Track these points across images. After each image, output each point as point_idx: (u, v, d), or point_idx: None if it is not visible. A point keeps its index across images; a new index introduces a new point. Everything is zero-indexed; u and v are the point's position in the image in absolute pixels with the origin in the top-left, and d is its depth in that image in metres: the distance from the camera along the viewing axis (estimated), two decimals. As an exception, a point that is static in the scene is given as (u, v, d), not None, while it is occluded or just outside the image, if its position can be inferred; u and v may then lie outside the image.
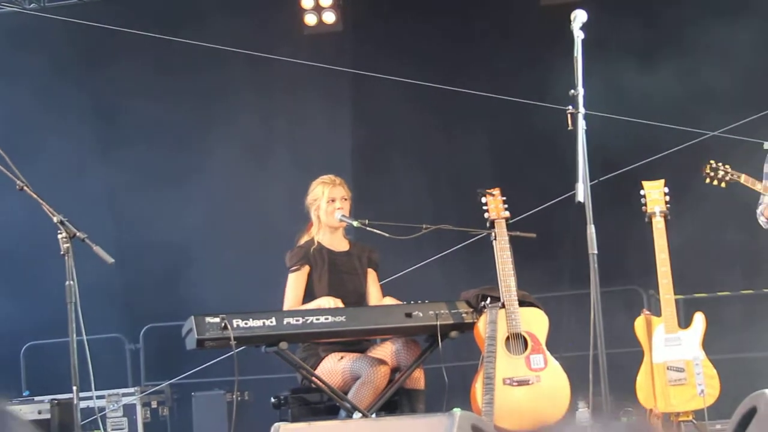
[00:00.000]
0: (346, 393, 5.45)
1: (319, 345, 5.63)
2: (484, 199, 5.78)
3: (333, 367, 5.54)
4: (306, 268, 5.78)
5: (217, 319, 5.19)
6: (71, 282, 5.02)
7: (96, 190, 9.77)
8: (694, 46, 8.61)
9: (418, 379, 5.62)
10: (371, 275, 5.94)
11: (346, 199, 5.87)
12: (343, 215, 5.80)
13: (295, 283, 5.77)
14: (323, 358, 5.58)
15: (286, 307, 5.71)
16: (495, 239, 5.70)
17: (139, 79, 9.56)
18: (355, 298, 5.78)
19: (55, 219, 5.04)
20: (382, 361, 5.52)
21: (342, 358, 5.55)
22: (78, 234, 5.01)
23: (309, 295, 5.77)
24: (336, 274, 5.79)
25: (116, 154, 9.77)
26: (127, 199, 9.75)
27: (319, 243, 5.86)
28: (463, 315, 5.56)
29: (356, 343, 5.71)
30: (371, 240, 5.95)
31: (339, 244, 5.91)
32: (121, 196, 9.80)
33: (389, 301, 5.82)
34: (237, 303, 8.57)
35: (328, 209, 5.83)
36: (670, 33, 8.76)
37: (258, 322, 5.25)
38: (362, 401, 5.38)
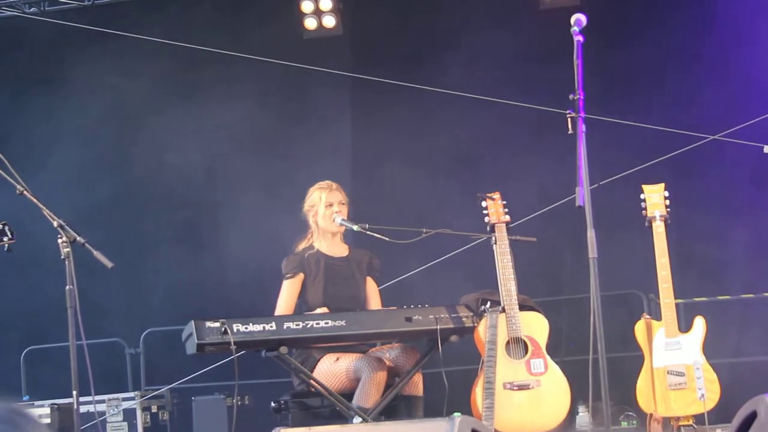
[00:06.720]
0: (349, 394, 5.44)
1: (313, 347, 5.62)
2: (484, 203, 5.78)
3: (332, 369, 5.53)
4: (300, 276, 5.79)
5: (217, 324, 5.18)
6: (71, 286, 5.01)
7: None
8: (695, 49, 8.62)
9: (416, 384, 5.61)
10: (370, 283, 5.93)
11: (343, 204, 5.87)
12: (343, 219, 5.80)
13: (288, 291, 5.78)
14: (319, 360, 5.57)
15: (276, 314, 5.72)
16: (495, 243, 5.70)
17: (138, 82, 9.56)
18: (351, 304, 5.76)
19: (55, 223, 5.03)
20: (381, 360, 5.51)
21: (338, 359, 5.54)
22: (78, 238, 5.00)
23: (303, 301, 5.78)
24: (332, 280, 5.78)
25: (119, 156, 9.78)
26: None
27: (316, 249, 5.85)
28: (464, 319, 5.55)
29: (354, 347, 5.70)
30: (371, 244, 5.94)
31: (337, 249, 5.90)
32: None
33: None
34: (237, 307, 8.58)
35: (326, 213, 5.83)
36: (671, 36, 8.75)
37: (258, 327, 5.25)
38: (368, 400, 5.36)
